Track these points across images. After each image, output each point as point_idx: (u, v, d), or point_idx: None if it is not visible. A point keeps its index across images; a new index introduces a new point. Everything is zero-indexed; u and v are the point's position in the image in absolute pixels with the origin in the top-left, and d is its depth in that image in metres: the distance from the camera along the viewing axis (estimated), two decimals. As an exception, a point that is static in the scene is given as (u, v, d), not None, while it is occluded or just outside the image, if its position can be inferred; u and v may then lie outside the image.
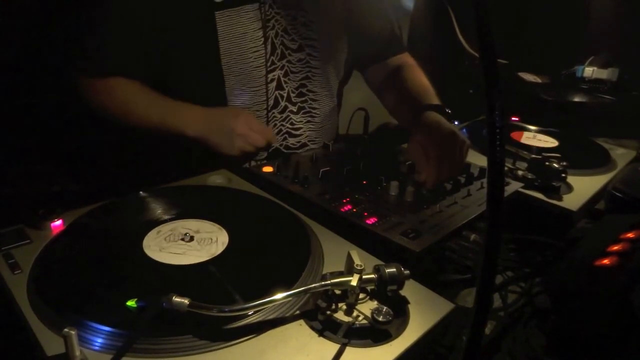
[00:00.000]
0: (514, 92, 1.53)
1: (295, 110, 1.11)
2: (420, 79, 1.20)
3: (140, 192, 0.75)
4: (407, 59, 1.28)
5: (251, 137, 0.93)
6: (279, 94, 1.08)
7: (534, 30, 1.68)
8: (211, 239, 0.64)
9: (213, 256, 0.61)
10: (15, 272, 0.56)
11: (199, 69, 1.00)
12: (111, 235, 0.65)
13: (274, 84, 1.06)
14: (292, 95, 1.10)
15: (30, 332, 0.48)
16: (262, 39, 1.01)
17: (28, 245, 0.62)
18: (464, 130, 1.20)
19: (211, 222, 0.68)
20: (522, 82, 1.59)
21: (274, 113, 1.08)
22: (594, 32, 1.64)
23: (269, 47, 1.03)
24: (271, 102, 1.07)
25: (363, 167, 0.91)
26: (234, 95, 1.03)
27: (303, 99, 1.12)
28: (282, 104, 1.08)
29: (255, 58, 1.01)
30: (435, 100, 1.08)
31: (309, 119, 1.14)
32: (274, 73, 1.05)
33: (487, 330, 0.64)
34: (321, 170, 0.86)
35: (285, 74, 1.07)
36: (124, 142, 1.10)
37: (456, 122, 1.21)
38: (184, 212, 0.70)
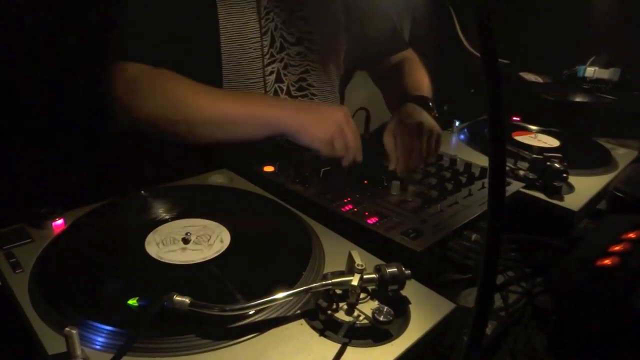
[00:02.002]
0: (515, 91, 1.52)
1: None
2: (416, 72, 1.21)
3: (142, 192, 0.75)
4: (409, 54, 1.29)
5: (346, 131, 0.85)
6: (279, 86, 1.07)
7: (535, 30, 1.68)
8: (212, 239, 0.64)
9: (214, 255, 0.61)
10: (17, 271, 0.57)
11: (199, 57, 0.97)
12: (112, 235, 0.66)
13: (273, 76, 1.05)
14: (292, 89, 1.09)
15: (32, 331, 0.48)
16: (260, 30, 1.00)
17: (29, 244, 0.62)
18: (465, 129, 1.19)
19: (212, 222, 0.68)
20: (524, 82, 1.59)
21: None
22: (596, 31, 1.64)
23: (268, 39, 1.02)
24: (270, 94, 1.07)
25: (364, 166, 0.91)
26: (231, 87, 1.02)
27: (303, 93, 1.11)
28: (282, 97, 1.07)
29: (254, 49, 1.01)
30: (422, 93, 1.09)
31: None
32: (273, 65, 1.04)
33: (488, 330, 0.64)
34: (322, 169, 0.86)
35: (285, 67, 1.06)
36: (126, 141, 1.10)
37: (457, 123, 1.21)
38: (185, 212, 0.70)
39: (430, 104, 1.04)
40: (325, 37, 1.12)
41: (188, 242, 0.63)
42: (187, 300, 0.47)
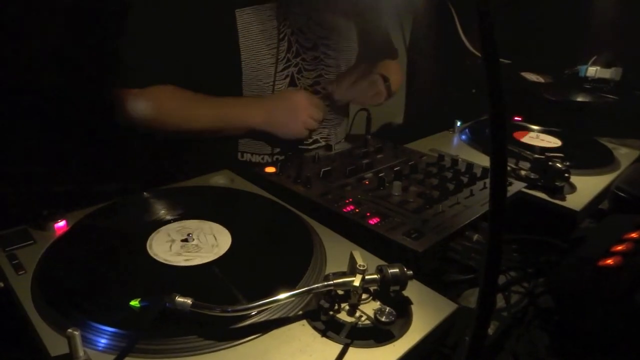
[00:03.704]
0: (516, 91, 1.52)
1: None
2: (389, 67, 1.28)
3: (144, 193, 0.75)
4: (391, 63, 1.33)
5: (312, 111, 1.02)
6: None
7: (536, 30, 1.68)
8: (214, 240, 0.64)
9: (216, 256, 0.61)
10: (19, 273, 0.57)
11: (221, 66, 1.03)
12: (114, 236, 0.66)
13: (288, 80, 1.09)
14: None
15: (34, 333, 0.48)
16: (277, 36, 1.04)
17: (32, 246, 0.62)
18: (467, 129, 1.19)
19: (214, 223, 0.68)
20: (525, 82, 1.59)
21: None
22: (597, 31, 1.63)
23: (285, 44, 1.05)
24: None
25: (365, 167, 0.91)
26: (250, 91, 1.06)
27: (317, 96, 1.13)
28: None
29: (272, 55, 1.04)
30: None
31: None
32: (288, 70, 1.08)
33: (490, 331, 0.64)
34: (322, 170, 0.86)
35: (299, 72, 1.10)
36: (128, 142, 1.11)
37: (458, 123, 1.21)
38: (187, 213, 0.70)
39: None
40: (341, 42, 1.16)
41: (190, 243, 0.63)
42: (189, 301, 0.47)
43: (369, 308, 0.52)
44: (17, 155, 1.06)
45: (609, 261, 0.62)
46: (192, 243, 0.63)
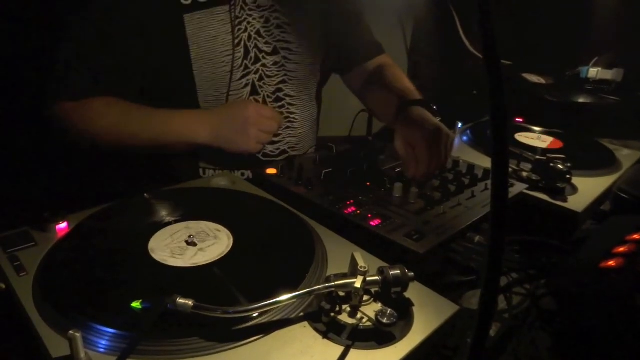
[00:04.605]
0: (518, 93, 1.52)
1: None
2: (400, 77, 1.18)
3: (145, 195, 0.75)
4: (385, 59, 1.25)
5: (264, 124, 0.94)
6: (255, 99, 1.04)
7: (538, 31, 1.68)
8: (215, 241, 0.64)
9: (217, 258, 0.61)
10: (21, 275, 0.57)
11: (171, 75, 0.98)
12: (116, 238, 0.66)
13: (248, 88, 1.02)
14: (268, 100, 1.06)
15: (36, 334, 0.49)
16: (232, 42, 0.98)
17: (33, 247, 0.62)
18: (468, 131, 1.19)
19: (215, 224, 0.68)
20: (526, 83, 1.59)
21: None
22: (599, 32, 1.63)
23: (241, 50, 0.99)
24: None
25: (367, 168, 0.91)
26: (207, 102, 1.00)
27: (280, 104, 1.08)
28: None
29: (227, 62, 0.98)
30: (417, 97, 1.05)
31: (288, 124, 1.10)
32: (247, 77, 1.02)
33: (492, 332, 0.64)
34: (324, 171, 0.86)
35: (260, 79, 1.03)
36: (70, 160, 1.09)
37: (459, 124, 1.21)
38: (188, 214, 0.70)
39: (434, 107, 1.00)
40: (303, 46, 1.09)
41: (191, 244, 0.63)
42: (190, 302, 0.47)
43: (370, 310, 0.52)
44: (18, 157, 1.07)
45: (611, 263, 0.62)
46: (193, 244, 0.63)
